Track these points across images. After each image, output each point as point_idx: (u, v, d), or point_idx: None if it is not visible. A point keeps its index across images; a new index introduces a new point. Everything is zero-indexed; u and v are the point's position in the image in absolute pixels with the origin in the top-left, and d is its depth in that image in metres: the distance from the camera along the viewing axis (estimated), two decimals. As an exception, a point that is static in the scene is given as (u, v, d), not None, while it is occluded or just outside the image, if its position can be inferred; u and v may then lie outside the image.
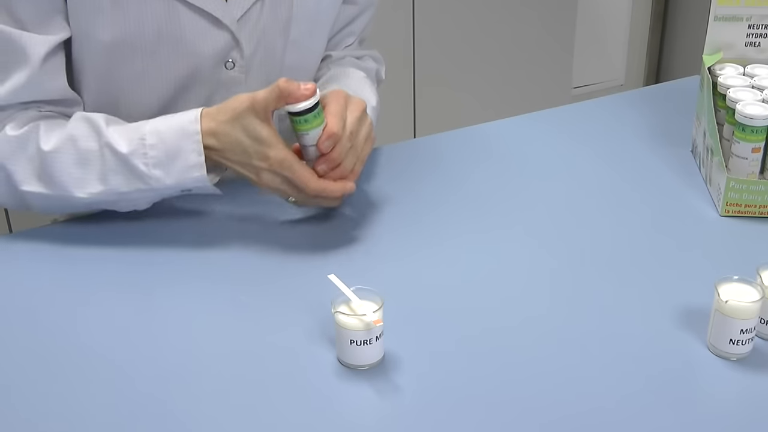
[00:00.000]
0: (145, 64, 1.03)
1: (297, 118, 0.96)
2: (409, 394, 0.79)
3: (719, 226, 1.05)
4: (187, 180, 0.97)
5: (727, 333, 0.81)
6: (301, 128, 0.96)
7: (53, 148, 0.97)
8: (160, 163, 0.96)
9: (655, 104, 1.38)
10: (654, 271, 0.96)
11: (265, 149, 0.95)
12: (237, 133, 0.95)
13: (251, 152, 0.96)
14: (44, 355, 0.84)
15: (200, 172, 0.96)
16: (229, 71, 1.07)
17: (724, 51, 1.19)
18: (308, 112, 0.95)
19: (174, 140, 0.96)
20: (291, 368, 0.82)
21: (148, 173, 0.96)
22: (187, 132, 0.96)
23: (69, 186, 0.98)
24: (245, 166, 0.97)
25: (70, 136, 0.98)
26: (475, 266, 0.97)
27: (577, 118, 1.36)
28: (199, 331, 0.87)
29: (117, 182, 0.97)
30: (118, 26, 0.99)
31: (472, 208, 1.09)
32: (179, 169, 0.96)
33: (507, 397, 0.78)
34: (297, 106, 0.95)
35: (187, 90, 1.07)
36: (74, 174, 0.98)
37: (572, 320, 0.88)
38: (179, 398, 0.78)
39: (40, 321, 0.89)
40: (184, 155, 0.96)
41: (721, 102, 1.13)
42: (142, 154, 0.96)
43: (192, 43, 1.03)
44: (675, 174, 1.16)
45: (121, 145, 0.97)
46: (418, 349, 0.84)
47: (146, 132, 0.97)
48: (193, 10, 1.01)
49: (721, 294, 0.81)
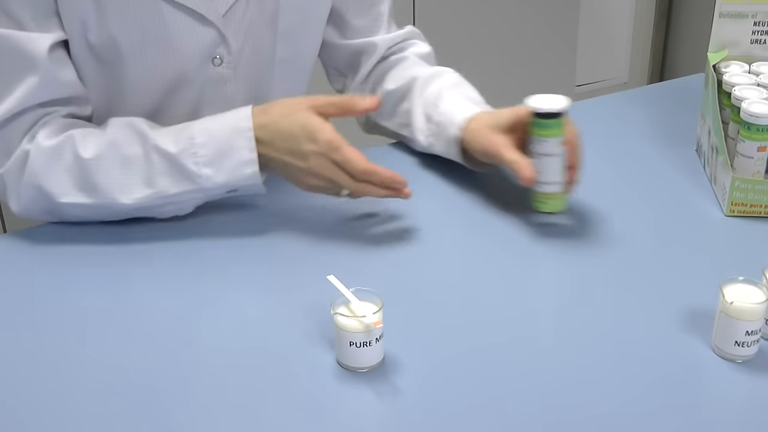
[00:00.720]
0: (132, 64, 1.02)
1: (542, 121, 0.94)
2: (410, 397, 0.78)
3: (724, 226, 1.05)
4: (238, 177, 0.97)
5: (732, 335, 0.81)
6: (542, 133, 0.95)
7: (94, 155, 0.97)
8: (211, 161, 0.97)
9: (659, 102, 1.38)
10: (658, 272, 0.96)
11: (314, 133, 0.95)
12: (288, 122, 0.96)
13: (300, 136, 0.95)
14: (38, 355, 0.84)
15: (252, 169, 0.97)
16: (216, 67, 1.07)
17: (729, 48, 1.19)
18: (556, 116, 0.94)
19: (225, 138, 0.97)
20: (289, 370, 0.82)
21: (198, 172, 0.97)
22: (239, 129, 0.97)
23: (113, 192, 0.98)
24: (294, 153, 0.96)
25: (111, 141, 0.98)
26: (476, 267, 0.97)
27: (579, 116, 1.35)
28: (195, 333, 0.87)
29: (164, 184, 0.98)
30: (102, 28, 0.99)
31: (474, 208, 1.08)
32: (231, 166, 0.97)
33: (509, 399, 0.78)
34: (546, 108, 0.94)
35: (176, 88, 1.06)
36: (118, 180, 0.98)
37: (574, 322, 0.88)
38: (175, 400, 0.78)
39: (35, 321, 0.89)
40: (236, 152, 0.96)
41: (726, 100, 1.13)
42: (192, 153, 0.96)
43: (177, 41, 1.02)
44: (679, 173, 1.16)
45: (168, 145, 0.97)
46: (418, 351, 0.84)
47: (195, 131, 0.97)
48: (176, 7, 1.01)
49: (726, 295, 0.81)
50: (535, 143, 0.97)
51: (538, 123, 0.95)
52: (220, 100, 1.09)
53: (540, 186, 1.00)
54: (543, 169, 0.98)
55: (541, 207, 1.02)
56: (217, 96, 1.09)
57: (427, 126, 1.14)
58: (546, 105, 0.96)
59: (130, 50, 1.01)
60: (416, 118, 1.16)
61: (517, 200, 1.10)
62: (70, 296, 0.93)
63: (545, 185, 1.00)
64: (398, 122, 1.20)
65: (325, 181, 0.97)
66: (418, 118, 1.16)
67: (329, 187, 0.98)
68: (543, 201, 1.01)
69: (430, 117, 1.14)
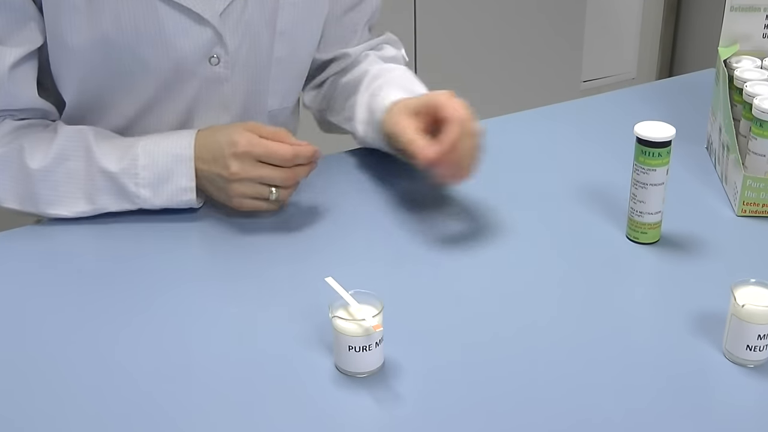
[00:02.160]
0: (126, 63, 1.02)
1: (651, 150, 0.93)
2: (411, 403, 0.78)
3: (735, 226, 1.05)
4: (175, 202, 1.02)
5: (743, 339, 0.81)
6: (651, 162, 0.94)
7: (41, 167, 1.00)
8: (150, 183, 1.00)
9: (669, 99, 1.38)
10: (667, 274, 0.95)
11: (234, 136, 0.98)
12: (218, 136, 1.00)
13: (223, 144, 0.98)
14: (28, 356, 0.83)
15: (189, 197, 1.01)
16: (213, 67, 1.07)
17: (740, 43, 1.18)
18: (665, 145, 0.93)
19: (166, 163, 1.00)
20: (286, 376, 0.81)
21: (137, 193, 1.01)
22: (180, 157, 1.00)
23: (54, 206, 1.02)
24: (217, 161, 0.99)
25: (58, 153, 1.01)
26: (479, 268, 0.97)
27: (586, 113, 1.36)
28: (190, 336, 0.87)
29: (104, 202, 1.01)
30: (95, 26, 0.99)
31: (477, 207, 1.08)
32: (169, 192, 1.01)
33: (512, 406, 0.78)
34: (655, 136, 0.93)
35: (171, 88, 1.06)
36: (61, 192, 1.01)
37: (580, 326, 0.87)
38: (171, 405, 0.78)
39: (23, 321, 0.89)
40: (176, 179, 1.00)
41: (737, 96, 1.12)
42: (133, 174, 1.00)
43: (173, 41, 1.02)
44: (689, 172, 1.16)
45: (111, 163, 1.00)
46: (419, 355, 0.83)
47: (139, 151, 1.01)
48: (172, 6, 1.00)
49: (738, 298, 0.81)
50: (642, 173, 0.95)
51: (647, 152, 0.94)
52: (217, 100, 1.09)
53: (642, 216, 0.98)
54: (648, 199, 0.97)
55: (639, 238, 0.99)
56: (214, 95, 1.08)
57: (365, 116, 1.13)
58: (654, 133, 0.94)
59: (123, 49, 1.01)
60: (358, 109, 1.15)
61: (519, 200, 1.09)
62: (59, 297, 0.92)
63: (648, 215, 0.98)
64: (344, 116, 1.19)
65: (252, 184, 0.99)
66: (360, 109, 1.14)
67: (257, 192, 1.00)
68: (644, 231, 0.99)
69: (368, 107, 1.13)
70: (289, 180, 1.00)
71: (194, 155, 1.00)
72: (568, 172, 1.16)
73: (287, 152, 0.97)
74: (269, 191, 0.99)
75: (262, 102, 1.14)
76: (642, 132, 0.95)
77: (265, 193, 1.00)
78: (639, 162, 0.96)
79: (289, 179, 1.00)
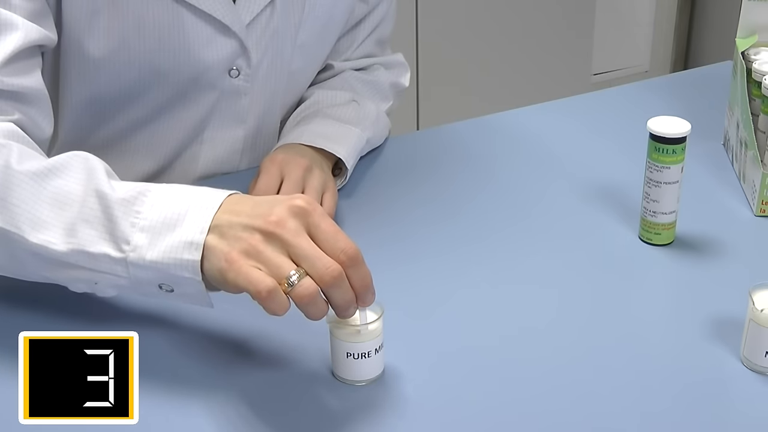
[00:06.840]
0: (142, 72, 1.02)
1: (666, 146, 0.94)
2: (411, 412, 0.78)
3: (754, 226, 1.05)
4: (172, 262, 0.76)
5: (762, 345, 0.81)
6: (665, 160, 0.94)
7: (26, 170, 0.81)
8: (151, 227, 0.77)
9: (683, 93, 1.38)
10: (682, 277, 0.96)
11: (293, 196, 0.78)
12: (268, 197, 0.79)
13: (276, 197, 0.78)
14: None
15: (193, 256, 0.76)
16: (233, 79, 1.07)
17: (759, 34, 1.19)
18: (680, 141, 0.94)
19: (180, 208, 0.78)
20: (280, 384, 0.81)
21: (129, 235, 0.77)
22: (202, 204, 0.77)
23: (22, 222, 0.79)
24: (258, 207, 0.76)
25: (53, 165, 0.82)
26: (483, 269, 0.97)
27: (596, 108, 1.36)
28: (182, 340, 0.87)
29: (85, 236, 0.78)
30: (115, 31, 0.99)
31: (482, 205, 1.08)
32: (170, 243, 0.76)
33: (519, 414, 0.78)
34: (670, 132, 0.94)
35: (186, 98, 1.06)
36: (38, 210, 0.80)
37: (590, 331, 0.88)
38: (161, 421, 0.78)
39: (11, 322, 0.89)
40: (184, 228, 0.76)
41: (756, 90, 1.13)
42: (135, 212, 0.78)
43: (195, 51, 1.02)
44: (705, 169, 1.16)
45: (113, 189, 0.80)
46: (421, 362, 0.83)
47: (153, 187, 0.80)
48: (199, 15, 1.01)
49: (756, 302, 0.81)
50: (655, 170, 0.96)
51: (661, 148, 0.94)
52: (233, 112, 1.10)
53: (655, 216, 0.98)
54: (661, 198, 0.97)
55: (653, 239, 0.99)
56: (230, 108, 1.09)
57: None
58: (668, 129, 0.95)
59: (142, 57, 1.01)
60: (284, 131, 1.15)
61: (526, 199, 1.10)
62: (47, 297, 0.92)
63: (662, 215, 0.98)
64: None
65: (279, 252, 0.74)
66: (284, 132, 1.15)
67: (277, 263, 0.74)
68: (657, 232, 0.99)
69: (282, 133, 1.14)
70: (324, 270, 0.73)
71: (221, 206, 0.77)
72: (577, 169, 1.17)
73: (349, 245, 0.75)
74: (291, 272, 0.73)
75: (275, 114, 1.15)
76: (655, 128, 0.95)
77: (285, 271, 0.73)
78: (652, 159, 0.96)
79: (326, 270, 0.73)
